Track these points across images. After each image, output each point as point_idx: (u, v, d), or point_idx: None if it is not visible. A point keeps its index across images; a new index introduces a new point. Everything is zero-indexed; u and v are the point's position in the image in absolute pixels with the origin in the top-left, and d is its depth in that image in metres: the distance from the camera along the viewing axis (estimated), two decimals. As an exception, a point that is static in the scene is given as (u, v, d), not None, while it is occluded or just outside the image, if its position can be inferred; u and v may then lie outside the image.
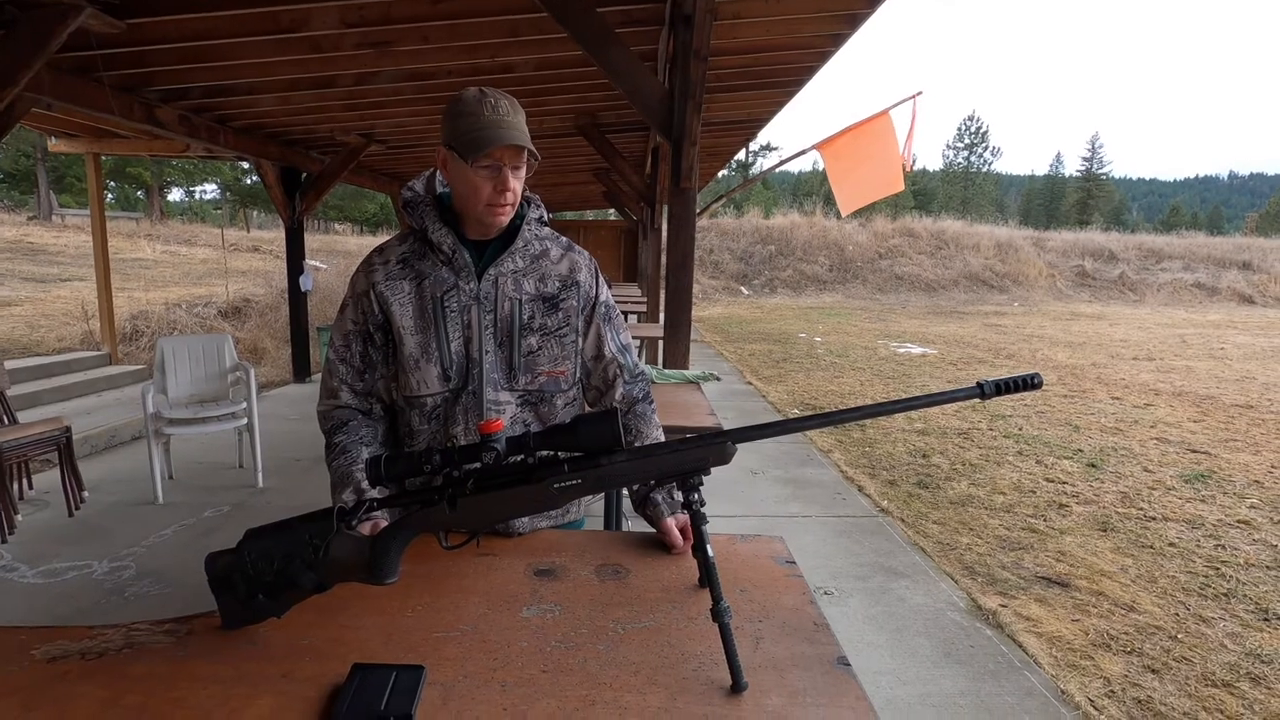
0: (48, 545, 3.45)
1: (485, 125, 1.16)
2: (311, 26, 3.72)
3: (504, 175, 1.19)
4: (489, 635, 0.95)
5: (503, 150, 1.17)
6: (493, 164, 1.18)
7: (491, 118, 1.17)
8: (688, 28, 3.10)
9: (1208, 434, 6.00)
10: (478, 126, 1.17)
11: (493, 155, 1.17)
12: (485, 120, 1.17)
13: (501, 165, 1.19)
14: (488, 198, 1.21)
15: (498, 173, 1.19)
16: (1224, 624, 2.89)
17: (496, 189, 1.20)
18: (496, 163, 1.18)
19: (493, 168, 1.19)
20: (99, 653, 0.91)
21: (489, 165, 1.18)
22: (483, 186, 1.20)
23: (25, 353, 7.23)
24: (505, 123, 1.17)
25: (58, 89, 4.12)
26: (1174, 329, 14.85)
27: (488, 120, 1.17)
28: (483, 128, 1.16)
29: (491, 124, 1.16)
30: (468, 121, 1.17)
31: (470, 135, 1.17)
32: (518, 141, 1.16)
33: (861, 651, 2.60)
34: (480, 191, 1.20)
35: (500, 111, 1.18)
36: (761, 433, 0.97)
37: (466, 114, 1.18)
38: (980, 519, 4.01)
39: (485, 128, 1.16)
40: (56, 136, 6.90)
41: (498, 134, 1.16)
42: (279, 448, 5.00)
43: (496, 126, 1.16)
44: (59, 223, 20.46)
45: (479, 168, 1.18)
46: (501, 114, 1.17)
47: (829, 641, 0.95)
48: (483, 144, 1.16)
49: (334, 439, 1.30)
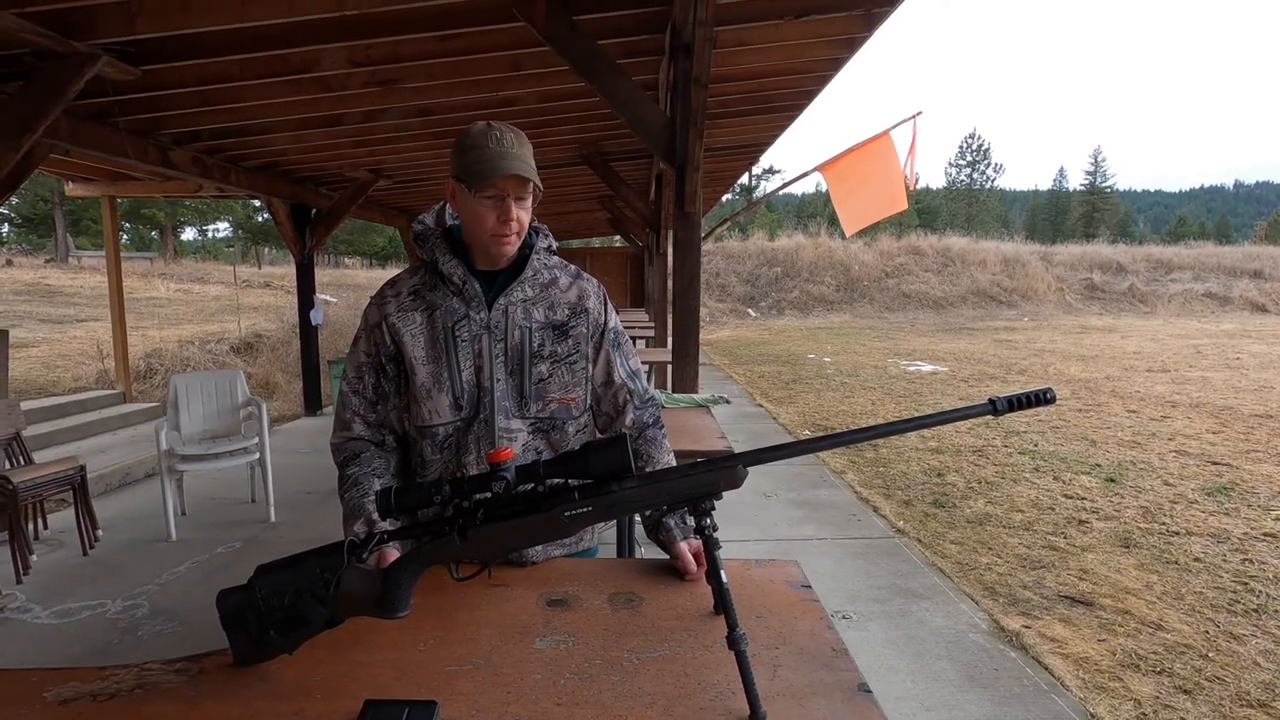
0: (62, 585, 3.46)
1: (489, 157, 1.19)
2: (321, 67, 3.80)
3: (507, 205, 1.21)
4: (502, 668, 0.94)
5: (505, 180, 1.19)
6: (496, 194, 1.21)
7: (496, 150, 1.19)
8: (688, 56, 3.15)
9: (1228, 445, 5.91)
10: (482, 158, 1.19)
11: (496, 185, 1.20)
12: (490, 152, 1.19)
13: (505, 195, 1.21)
14: (492, 227, 1.23)
15: (501, 202, 1.21)
16: (1256, 641, 2.81)
17: (500, 218, 1.22)
18: (500, 192, 1.20)
19: (496, 198, 1.21)
20: (110, 694, 0.90)
21: (493, 195, 1.21)
22: (487, 216, 1.22)
23: (41, 393, 7.32)
24: (509, 154, 1.20)
25: (75, 135, 4.23)
26: (1188, 340, 14.70)
27: (492, 152, 1.19)
28: (487, 159, 1.19)
29: (495, 155, 1.19)
30: (473, 154, 1.20)
31: (475, 166, 1.19)
32: (519, 172, 1.19)
33: (882, 677, 2.54)
34: (485, 221, 1.22)
35: (505, 144, 1.20)
36: (773, 455, 0.96)
37: (473, 146, 1.21)
38: (999, 538, 3.94)
39: (489, 159, 1.19)
40: (73, 181, 7.05)
41: (501, 165, 1.18)
42: (291, 482, 5.00)
43: (500, 158, 1.19)
44: (75, 264, 20.85)
45: (483, 198, 1.21)
46: (506, 146, 1.20)
47: (848, 667, 0.93)
48: (486, 174, 1.18)
49: (346, 471, 1.30)
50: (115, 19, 3.10)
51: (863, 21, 3.99)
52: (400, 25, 3.46)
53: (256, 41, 3.51)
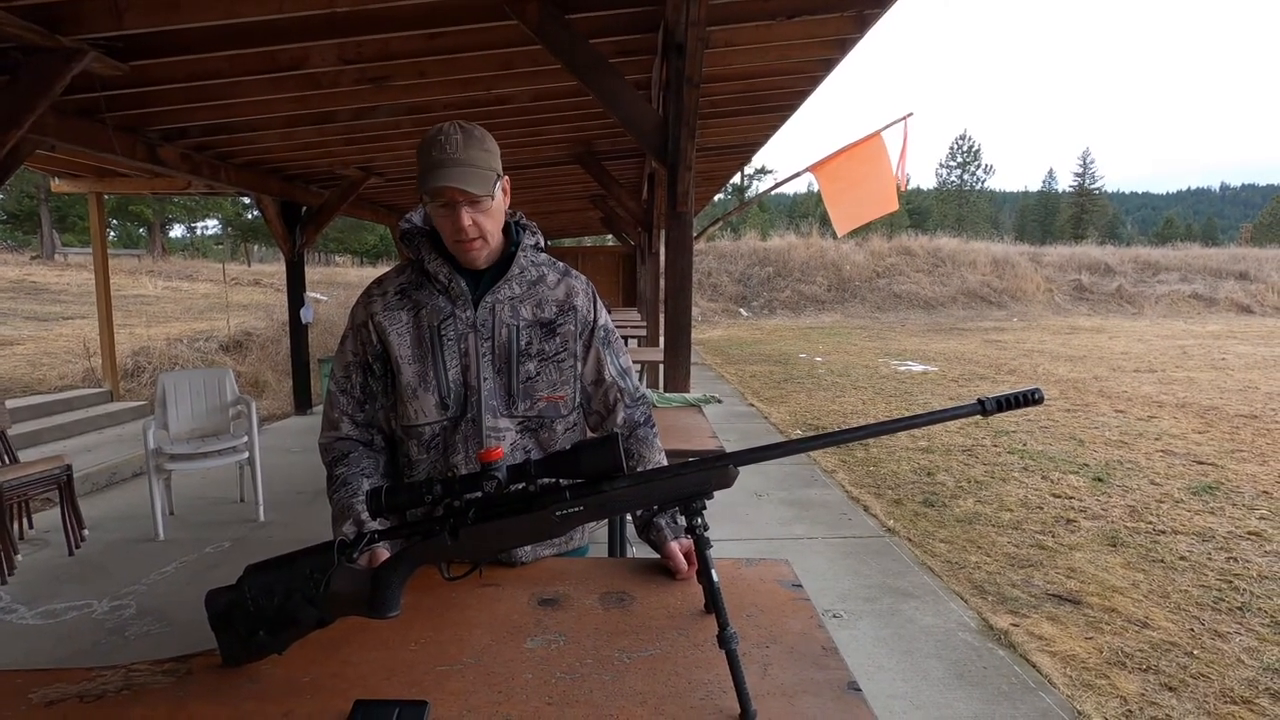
0: (47, 585, 3.42)
1: (431, 165, 1.15)
2: (310, 64, 3.78)
3: (458, 213, 1.17)
4: (493, 668, 0.94)
5: (446, 189, 1.15)
6: (445, 202, 1.17)
7: (437, 157, 1.14)
8: (680, 56, 3.15)
9: (1213, 445, 5.97)
10: (425, 166, 1.16)
11: (441, 194, 1.16)
12: (433, 160, 1.15)
13: (455, 203, 1.17)
14: (451, 234, 1.21)
15: (451, 210, 1.18)
16: (1240, 639, 2.85)
17: (453, 225, 1.19)
18: (448, 200, 1.17)
19: (445, 205, 1.18)
20: (97, 695, 0.90)
21: (441, 204, 1.18)
22: (442, 224, 1.20)
23: (27, 391, 7.24)
24: (450, 160, 1.14)
25: (62, 131, 4.18)
26: (1174, 340, 14.85)
27: (434, 160, 1.15)
28: (428, 167, 1.15)
29: (435, 164, 1.14)
30: (421, 162, 1.17)
31: (420, 174, 1.17)
32: (452, 183, 1.13)
33: (872, 675, 2.56)
34: (443, 228, 1.21)
35: (449, 149, 1.14)
36: (764, 454, 0.96)
37: (421, 154, 1.17)
38: (988, 537, 3.97)
39: (429, 168, 1.15)
40: (60, 177, 6.98)
41: (437, 174, 1.14)
42: (280, 481, 4.97)
43: (439, 166, 1.14)
44: (62, 261, 20.63)
45: (435, 206, 1.19)
46: (449, 152, 1.14)
47: (839, 666, 0.93)
48: (424, 184, 1.16)
49: (335, 471, 1.29)
50: (103, 14, 3.07)
51: (854, 23, 4.00)
52: (392, 23, 3.44)
53: (246, 38, 3.48)
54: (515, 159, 6.82)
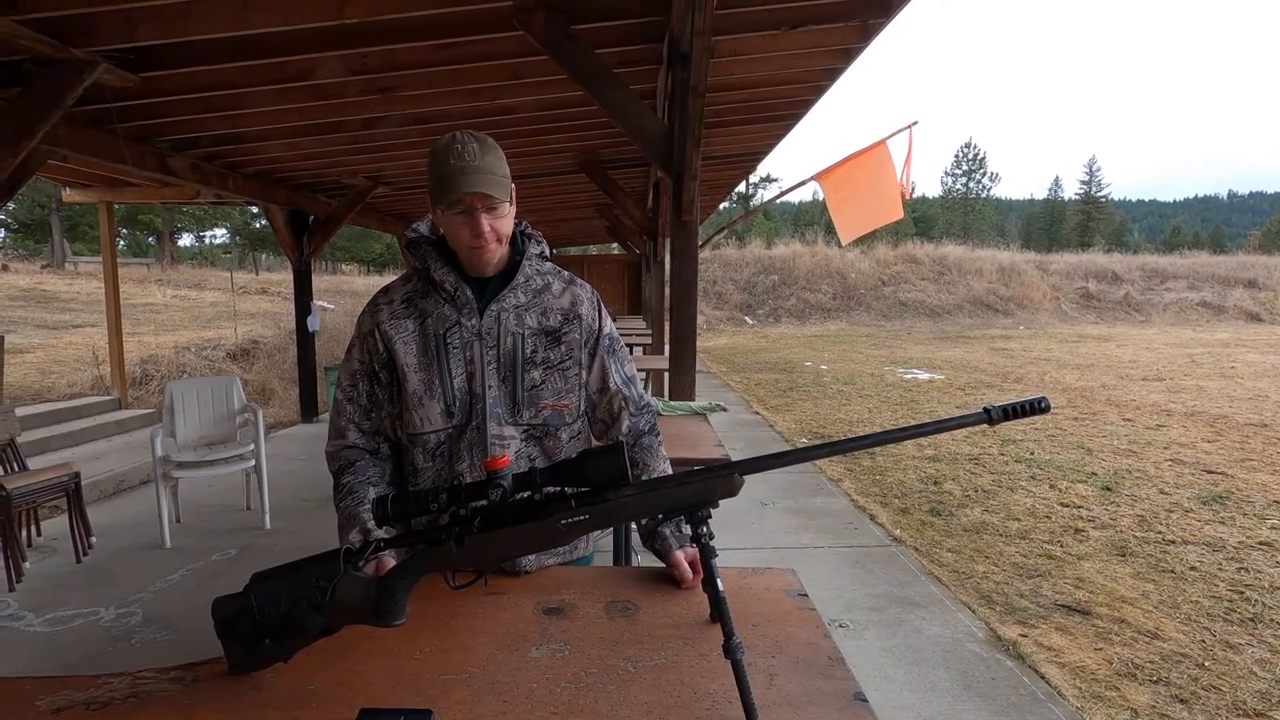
0: (55, 592, 3.43)
1: (451, 173, 1.17)
2: (319, 75, 3.81)
3: (476, 219, 1.20)
4: (498, 677, 0.94)
5: (469, 196, 1.18)
6: (464, 209, 1.20)
7: (456, 165, 1.17)
8: (685, 65, 3.17)
9: (1223, 454, 5.92)
10: (445, 175, 1.18)
11: (462, 201, 1.19)
12: (450, 168, 1.17)
13: (473, 209, 1.20)
14: (467, 240, 1.22)
15: (470, 216, 1.20)
16: (1252, 650, 2.81)
17: (472, 232, 1.21)
18: (467, 207, 1.19)
19: (465, 212, 1.20)
20: (104, 702, 0.90)
21: (460, 211, 1.20)
22: (460, 231, 1.22)
23: (37, 399, 7.29)
24: (470, 168, 1.17)
25: (73, 141, 4.23)
26: (1182, 348, 14.75)
27: (453, 168, 1.17)
28: (449, 176, 1.17)
29: (455, 171, 1.17)
30: (437, 171, 1.19)
31: (439, 184, 1.19)
32: (478, 189, 1.17)
33: (879, 686, 2.54)
34: (460, 236, 1.23)
35: (466, 156, 1.18)
36: (770, 463, 0.96)
37: (436, 163, 1.20)
38: (996, 546, 3.94)
39: (450, 176, 1.17)
40: (71, 187, 7.05)
41: (460, 181, 1.17)
42: (287, 488, 4.99)
43: (460, 173, 1.17)
44: (72, 270, 20.83)
45: (452, 214, 1.21)
46: (467, 159, 1.18)
47: (845, 676, 0.93)
48: (445, 191, 1.18)
49: (342, 479, 1.30)
50: (115, 26, 3.11)
51: (859, 32, 4.01)
52: (400, 34, 3.47)
53: (256, 49, 3.52)
54: (522, 168, 6.85)
